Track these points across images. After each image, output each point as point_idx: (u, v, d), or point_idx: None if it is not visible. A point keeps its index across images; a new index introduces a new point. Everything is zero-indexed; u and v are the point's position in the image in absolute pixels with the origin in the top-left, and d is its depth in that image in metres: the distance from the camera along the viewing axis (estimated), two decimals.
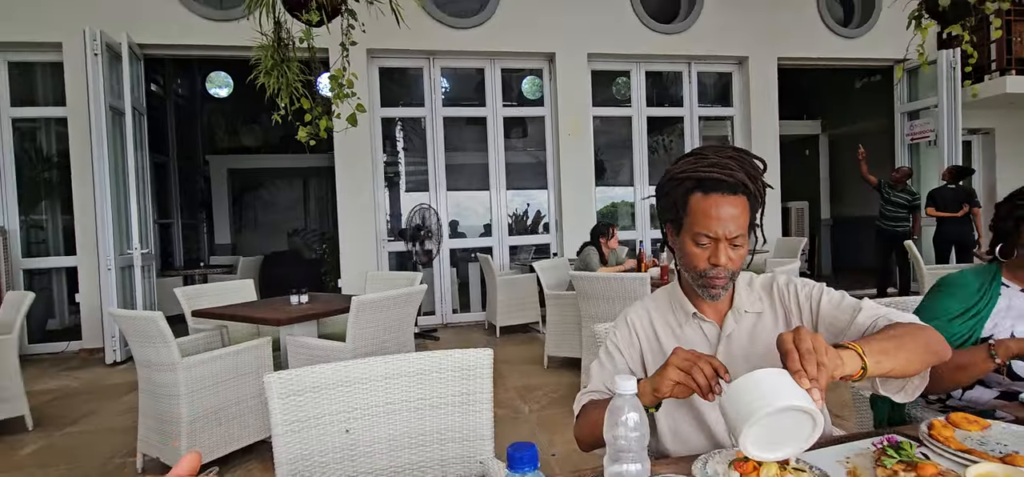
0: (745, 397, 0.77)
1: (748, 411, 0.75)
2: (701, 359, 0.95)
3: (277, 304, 3.25)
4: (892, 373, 0.95)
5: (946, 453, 0.98)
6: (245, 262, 7.06)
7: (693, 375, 0.93)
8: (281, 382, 1.31)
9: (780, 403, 0.73)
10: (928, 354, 1.01)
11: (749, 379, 0.79)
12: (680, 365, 0.95)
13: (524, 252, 6.78)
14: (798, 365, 0.81)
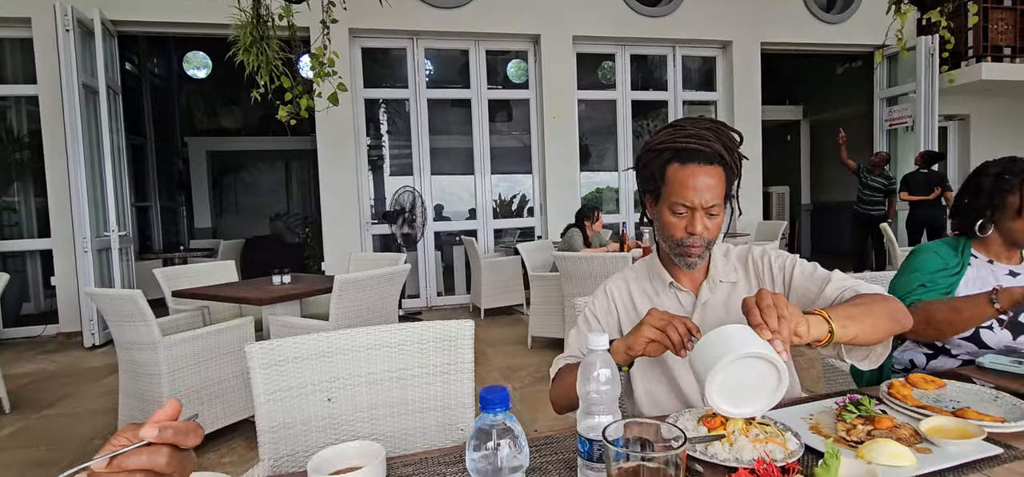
0: (710, 351, 0.80)
1: (712, 361, 0.78)
2: (675, 319, 0.98)
3: (259, 284, 3.23)
4: (857, 339, 0.99)
5: (903, 409, 1.03)
6: (226, 246, 6.98)
7: (667, 332, 0.97)
8: (263, 352, 1.32)
9: (742, 351, 0.77)
10: (891, 322, 1.06)
11: (714, 333, 0.83)
12: (655, 323, 0.99)
13: (509, 235, 6.81)
14: (759, 319, 0.84)
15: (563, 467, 0.90)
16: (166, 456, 0.51)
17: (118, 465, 0.50)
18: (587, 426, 0.83)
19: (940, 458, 0.86)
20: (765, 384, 0.82)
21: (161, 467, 0.51)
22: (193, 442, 0.53)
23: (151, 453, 0.51)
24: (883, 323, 1.03)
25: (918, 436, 0.92)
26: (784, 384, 0.80)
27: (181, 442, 0.52)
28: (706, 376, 0.79)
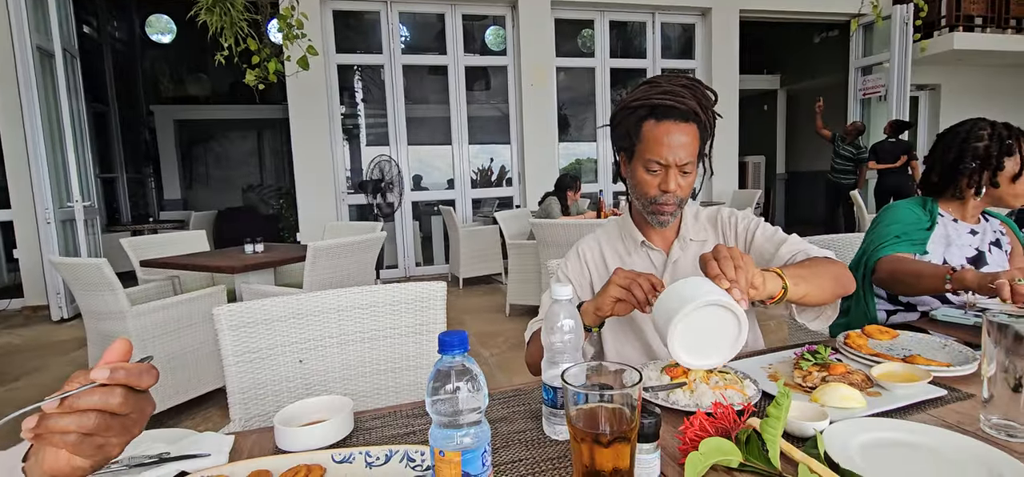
0: (670, 303, 0.82)
1: (673, 312, 0.80)
2: (640, 276, 0.99)
3: (231, 253, 3.17)
4: (807, 297, 1.03)
5: (856, 357, 1.08)
6: (198, 217, 6.81)
7: (632, 290, 0.98)
8: (231, 314, 1.30)
9: (701, 301, 0.79)
10: (837, 285, 1.11)
11: (673, 287, 0.84)
12: (620, 282, 1.00)
13: (487, 205, 6.79)
14: (716, 270, 0.86)
15: (529, 417, 0.92)
16: (120, 397, 0.51)
17: (70, 406, 0.49)
18: (552, 376, 0.84)
19: (888, 400, 0.91)
20: (726, 334, 0.84)
21: (115, 407, 0.50)
22: (147, 383, 0.53)
23: (103, 393, 0.50)
24: (829, 284, 1.09)
25: (869, 381, 0.96)
26: (744, 332, 0.82)
27: (135, 383, 0.52)
28: (668, 328, 0.81)
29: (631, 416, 0.62)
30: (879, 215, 1.63)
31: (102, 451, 0.52)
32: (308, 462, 0.75)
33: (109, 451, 0.53)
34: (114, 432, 0.52)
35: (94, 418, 0.50)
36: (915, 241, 1.53)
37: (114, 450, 0.53)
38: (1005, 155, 1.49)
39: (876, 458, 0.74)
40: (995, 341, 0.81)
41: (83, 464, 0.52)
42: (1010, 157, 1.49)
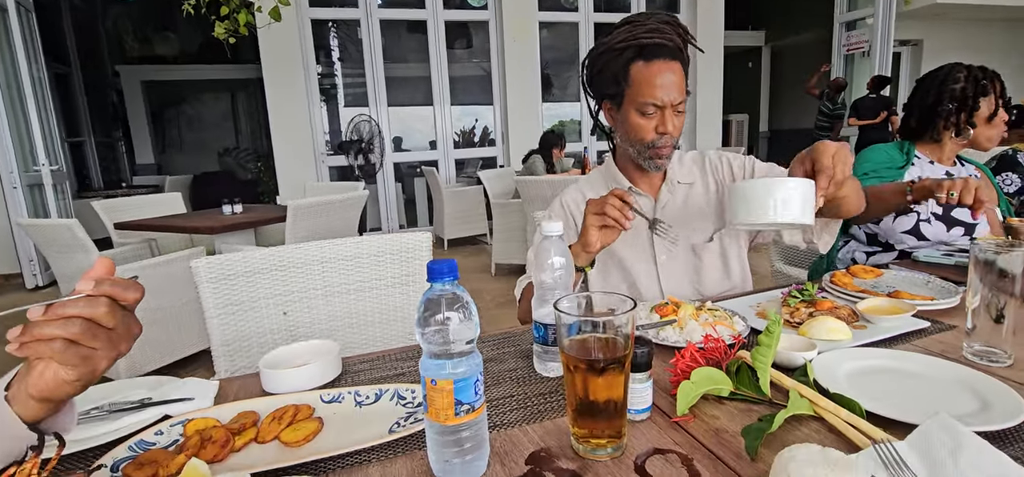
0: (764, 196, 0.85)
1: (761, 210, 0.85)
2: (605, 197, 1.00)
3: (209, 215, 3.09)
4: (846, 197, 1.05)
5: (843, 294, 1.09)
6: (173, 182, 6.62)
7: (606, 212, 0.97)
8: (209, 267, 1.26)
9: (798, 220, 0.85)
10: (859, 198, 1.14)
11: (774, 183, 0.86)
12: (593, 210, 1.01)
13: (471, 165, 6.70)
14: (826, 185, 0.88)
15: (519, 356, 0.91)
16: (105, 306, 0.50)
17: (55, 313, 0.49)
18: (543, 314, 0.83)
19: (874, 332, 0.92)
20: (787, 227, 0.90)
21: (100, 317, 0.49)
22: (133, 297, 0.52)
23: (88, 302, 0.49)
24: (856, 198, 1.11)
25: (855, 315, 0.97)
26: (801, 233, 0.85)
27: (120, 296, 0.51)
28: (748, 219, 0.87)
29: (624, 344, 0.61)
30: (858, 157, 1.64)
31: (88, 363, 0.51)
32: (296, 402, 0.73)
33: (96, 364, 0.51)
34: (100, 343, 0.51)
35: (79, 324, 0.49)
36: (884, 178, 1.55)
37: (101, 363, 0.52)
38: (980, 95, 1.52)
39: (863, 384, 0.75)
40: (981, 276, 0.82)
41: (69, 377, 0.51)
42: (985, 98, 1.52)
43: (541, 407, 0.74)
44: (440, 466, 0.59)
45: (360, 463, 0.63)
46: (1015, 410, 0.64)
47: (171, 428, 0.70)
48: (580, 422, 0.63)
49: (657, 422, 0.69)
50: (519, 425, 0.70)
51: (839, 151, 0.90)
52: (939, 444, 0.56)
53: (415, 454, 0.64)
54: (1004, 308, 0.81)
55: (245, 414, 0.71)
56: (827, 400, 0.67)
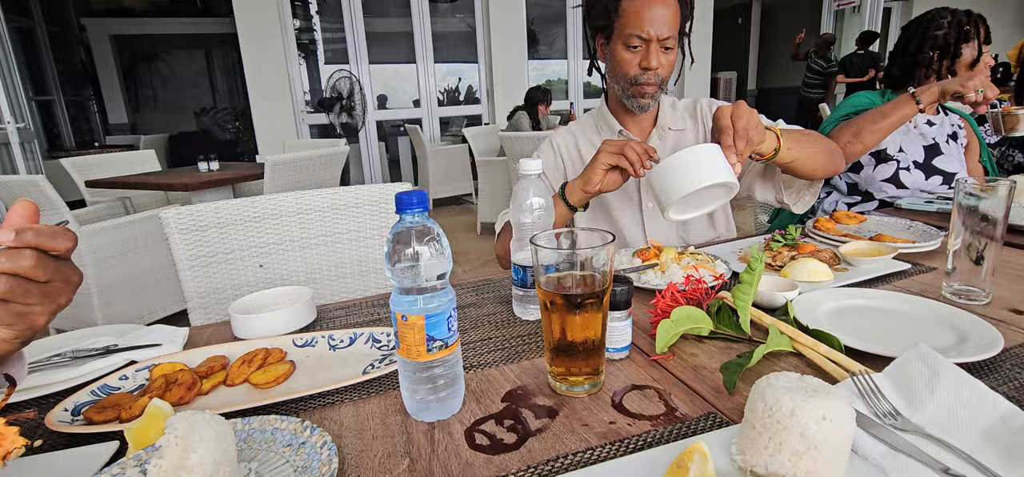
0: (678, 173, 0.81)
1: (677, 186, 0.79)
2: (631, 141, 0.96)
3: (185, 172, 3.00)
4: (797, 162, 1.02)
5: (825, 238, 1.08)
6: (148, 141, 6.41)
7: (625, 154, 0.94)
8: (180, 218, 1.22)
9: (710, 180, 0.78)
10: (828, 159, 1.10)
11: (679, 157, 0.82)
12: (611, 149, 0.97)
13: (455, 124, 6.58)
14: (731, 142, 0.84)
15: (498, 302, 0.90)
16: (31, 260, 0.46)
17: None
18: (522, 257, 0.81)
19: (855, 275, 0.92)
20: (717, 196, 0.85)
21: (27, 270, 0.46)
22: (64, 246, 0.47)
23: (12, 256, 0.45)
24: (822, 157, 1.08)
25: (837, 258, 0.97)
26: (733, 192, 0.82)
27: (47, 245, 0.47)
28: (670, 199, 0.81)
29: (602, 281, 0.59)
30: (841, 103, 1.63)
31: (24, 320, 0.47)
32: (267, 346, 0.71)
33: (33, 321, 0.48)
34: (34, 299, 0.47)
35: (5, 282, 0.45)
36: None
37: (39, 320, 0.48)
38: (962, 42, 1.50)
39: (843, 321, 0.75)
40: (963, 219, 0.81)
41: (6, 335, 0.47)
42: (967, 44, 1.50)
43: (519, 348, 0.73)
44: (414, 404, 0.57)
45: (333, 403, 0.61)
46: (991, 342, 0.64)
47: (136, 373, 0.67)
48: (557, 361, 0.62)
49: (636, 361, 0.68)
50: (496, 366, 0.68)
51: (736, 109, 0.89)
52: (916, 375, 0.56)
53: (389, 394, 0.62)
54: (984, 250, 0.81)
55: (214, 358, 0.68)
56: (806, 336, 0.67)
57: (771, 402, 0.44)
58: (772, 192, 1.17)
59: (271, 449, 0.52)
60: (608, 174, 0.97)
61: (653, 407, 0.58)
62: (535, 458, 0.50)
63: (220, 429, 0.45)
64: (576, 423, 0.55)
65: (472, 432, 0.55)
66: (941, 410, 0.52)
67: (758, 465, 0.45)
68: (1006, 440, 0.48)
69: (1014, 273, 0.91)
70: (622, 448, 0.51)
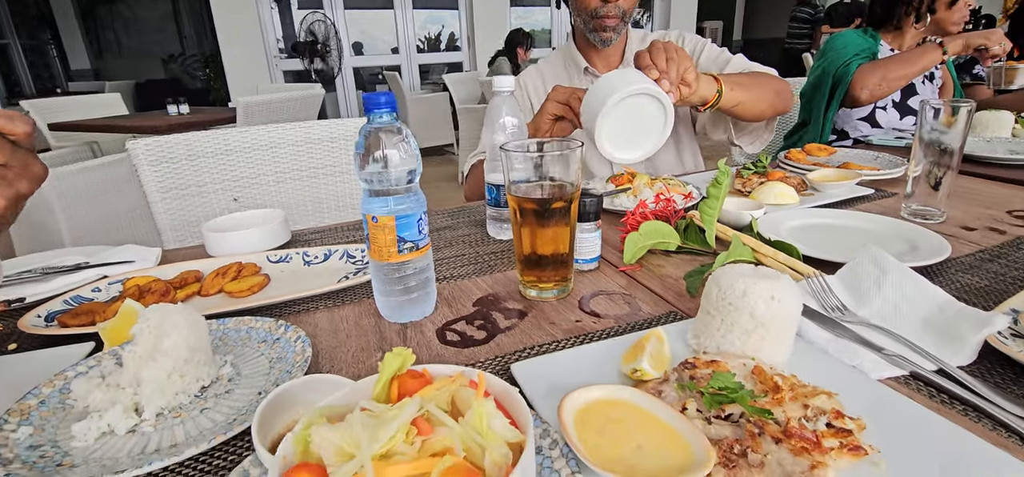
0: (597, 98, 0.79)
1: (599, 106, 0.77)
2: (577, 91, 0.96)
3: (154, 116, 2.91)
4: (741, 106, 1.01)
5: (795, 167, 1.11)
6: (113, 87, 6.14)
7: (571, 105, 0.94)
8: (148, 149, 1.20)
9: (626, 90, 0.76)
10: (776, 99, 1.09)
11: (599, 81, 0.81)
12: (558, 99, 0.96)
13: (436, 72, 6.42)
14: (647, 60, 0.83)
15: (472, 225, 0.91)
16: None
17: None
18: (495, 177, 0.82)
19: (820, 198, 0.94)
20: (654, 125, 0.83)
21: None
22: (21, 129, 0.46)
23: None
24: (769, 97, 1.06)
25: (805, 185, 1.00)
26: (670, 123, 0.81)
27: (4, 128, 0.45)
28: (595, 123, 0.79)
29: (571, 188, 0.60)
30: (827, 42, 1.62)
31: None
32: (241, 260, 0.71)
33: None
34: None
35: None
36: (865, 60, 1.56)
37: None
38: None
39: (805, 236, 0.78)
40: (924, 150, 0.84)
41: None
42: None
43: (492, 263, 0.74)
44: (387, 307, 0.59)
45: (307, 310, 0.62)
46: (940, 249, 0.67)
47: (109, 286, 0.67)
48: (528, 271, 0.64)
49: (605, 271, 0.70)
50: (469, 277, 0.70)
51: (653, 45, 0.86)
52: (865, 274, 0.59)
53: (363, 301, 0.64)
54: (943, 178, 0.84)
55: (188, 272, 0.69)
56: (767, 247, 0.69)
57: (725, 286, 0.47)
58: (723, 133, 1.17)
59: (246, 345, 0.53)
60: (556, 123, 0.96)
61: (618, 309, 0.60)
62: (503, 350, 0.52)
63: (192, 318, 0.46)
64: (544, 322, 0.58)
65: (444, 331, 0.57)
66: (886, 304, 0.56)
67: (710, 347, 0.47)
68: (942, 326, 0.51)
69: (969, 197, 0.95)
70: (586, 341, 0.53)
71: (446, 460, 0.26)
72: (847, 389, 0.41)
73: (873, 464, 0.35)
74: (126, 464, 0.37)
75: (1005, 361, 0.47)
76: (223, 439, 0.39)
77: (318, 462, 0.28)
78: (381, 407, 0.30)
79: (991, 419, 0.40)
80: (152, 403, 0.43)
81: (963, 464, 0.34)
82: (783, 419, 0.37)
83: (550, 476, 0.34)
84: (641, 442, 0.36)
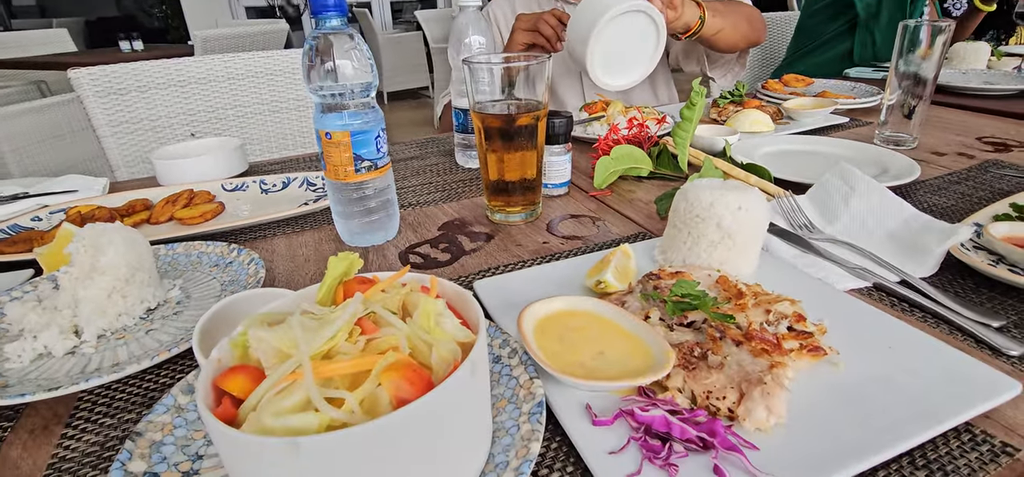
0: (585, 19, 0.75)
1: (589, 27, 0.74)
2: (543, 14, 0.91)
3: (104, 53, 2.73)
4: (721, 34, 1.00)
5: (772, 96, 1.09)
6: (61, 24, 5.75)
7: (539, 29, 0.90)
8: (93, 79, 1.12)
9: (619, 8, 0.73)
10: (750, 28, 1.08)
11: (583, 3, 0.77)
12: (525, 26, 0.92)
13: (408, 10, 6.15)
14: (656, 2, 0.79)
15: (441, 155, 0.88)
16: None
17: None
18: (463, 102, 0.78)
19: (795, 126, 0.93)
20: (645, 47, 0.80)
21: None
22: None
23: None
24: (744, 26, 1.06)
25: (780, 114, 0.98)
26: (662, 43, 0.78)
27: None
28: (585, 48, 0.76)
29: (538, 104, 0.58)
30: None
31: None
32: (193, 187, 0.67)
33: None
34: None
35: None
36: None
37: None
38: None
39: (777, 161, 0.77)
40: (899, 81, 0.83)
41: None
42: None
43: (460, 190, 0.72)
44: (347, 232, 0.56)
45: (264, 237, 0.59)
46: (910, 170, 0.67)
47: (51, 216, 0.63)
48: (495, 196, 0.62)
49: (574, 196, 0.69)
50: (436, 203, 0.68)
51: None
52: (834, 190, 0.58)
53: (324, 228, 0.61)
54: (916, 106, 0.84)
55: (136, 201, 0.65)
56: (739, 169, 0.68)
57: (692, 199, 0.45)
58: (696, 65, 1.15)
59: (197, 270, 0.51)
60: (527, 51, 0.93)
61: (586, 231, 0.59)
62: (466, 270, 0.51)
63: (130, 236, 0.43)
64: (510, 244, 0.56)
65: (407, 254, 0.55)
66: (853, 221, 0.55)
67: (676, 261, 0.47)
68: (907, 239, 0.51)
69: (942, 125, 0.95)
70: (552, 261, 0.52)
71: (388, 357, 0.24)
72: (810, 298, 0.41)
73: (833, 365, 0.35)
74: (62, 382, 0.35)
75: (966, 272, 0.47)
76: (167, 356, 0.37)
77: (257, 365, 0.26)
78: (324, 310, 0.28)
79: (949, 324, 0.41)
80: (92, 324, 0.41)
81: (920, 360, 0.34)
82: (745, 324, 0.36)
83: (508, 383, 0.33)
84: (602, 348, 0.35)
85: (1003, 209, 0.55)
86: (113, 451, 0.32)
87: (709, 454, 0.28)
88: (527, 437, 0.29)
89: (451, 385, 0.23)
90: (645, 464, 0.27)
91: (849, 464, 0.27)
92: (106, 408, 0.35)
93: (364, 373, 0.24)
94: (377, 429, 0.21)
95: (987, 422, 0.31)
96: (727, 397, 0.30)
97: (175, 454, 0.29)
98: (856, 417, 0.30)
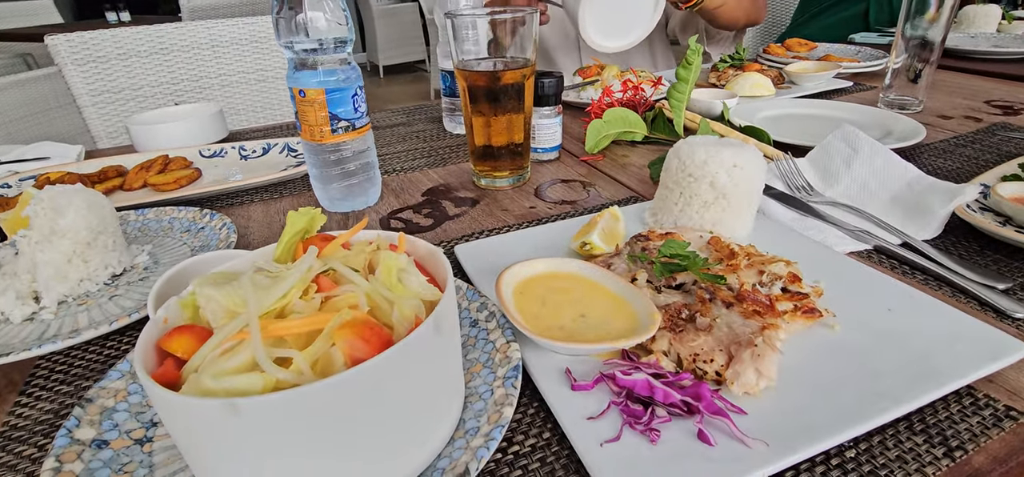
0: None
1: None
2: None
3: (90, 24, 2.66)
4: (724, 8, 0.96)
5: (772, 60, 1.06)
6: None
7: None
8: (71, 46, 1.08)
9: None
10: (751, 5, 1.05)
11: None
12: None
13: None
14: None
15: (429, 121, 0.85)
16: None
17: None
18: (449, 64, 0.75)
19: (797, 90, 0.90)
20: (642, 10, 0.77)
21: None
22: None
23: None
24: (745, 3, 1.03)
25: (782, 78, 0.95)
26: (661, 2, 0.75)
27: None
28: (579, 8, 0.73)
29: (525, 62, 0.55)
30: None
31: None
32: (170, 153, 0.65)
33: None
34: None
35: None
36: None
37: None
38: None
39: (777, 125, 0.74)
40: (906, 45, 0.79)
41: None
42: None
43: (446, 156, 0.69)
44: (327, 197, 0.54)
45: (241, 203, 0.57)
46: (914, 132, 0.65)
47: (20, 183, 0.61)
48: (481, 160, 0.59)
49: (565, 161, 0.66)
50: (421, 169, 0.65)
51: None
52: (835, 152, 0.56)
53: (303, 193, 0.59)
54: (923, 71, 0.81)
55: (109, 167, 0.62)
56: (736, 132, 0.66)
57: (685, 156, 0.43)
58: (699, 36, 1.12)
59: (168, 236, 0.48)
60: None
61: (576, 195, 0.57)
62: (449, 235, 0.49)
63: (93, 198, 0.41)
64: (496, 209, 0.54)
65: (389, 220, 0.53)
66: (854, 183, 0.53)
67: (667, 223, 0.44)
68: (910, 201, 0.49)
69: (949, 89, 0.92)
70: (539, 225, 0.50)
71: (343, 314, 0.22)
72: (807, 259, 0.39)
73: (828, 327, 0.33)
74: (16, 348, 0.33)
75: (971, 234, 0.45)
76: (127, 321, 0.35)
77: (207, 326, 0.24)
78: (280, 267, 0.26)
79: (953, 287, 0.39)
80: (52, 290, 0.39)
81: (921, 322, 0.32)
82: (736, 285, 0.34)
83: (485, 347, 0.32)
84: (585, 311, 0.33)
85: (1011, 170, 0.53)
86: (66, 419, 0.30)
87: (693, 419, 0.26)
88: (501, 402, 0.27)
89: (411, 343, 0.21)
90: (625, 430, 0.26)
91: (843, 429, 0.25)
92: (63, 375, 0.34)
93: (318, 332, 0.22)
94: (324, 388, 0.19)
95: (990, 385, 0.29)
96: (715, 360, 0.29)
97: (128, 421, 0.28)
98: (851, 380, 0.28)
